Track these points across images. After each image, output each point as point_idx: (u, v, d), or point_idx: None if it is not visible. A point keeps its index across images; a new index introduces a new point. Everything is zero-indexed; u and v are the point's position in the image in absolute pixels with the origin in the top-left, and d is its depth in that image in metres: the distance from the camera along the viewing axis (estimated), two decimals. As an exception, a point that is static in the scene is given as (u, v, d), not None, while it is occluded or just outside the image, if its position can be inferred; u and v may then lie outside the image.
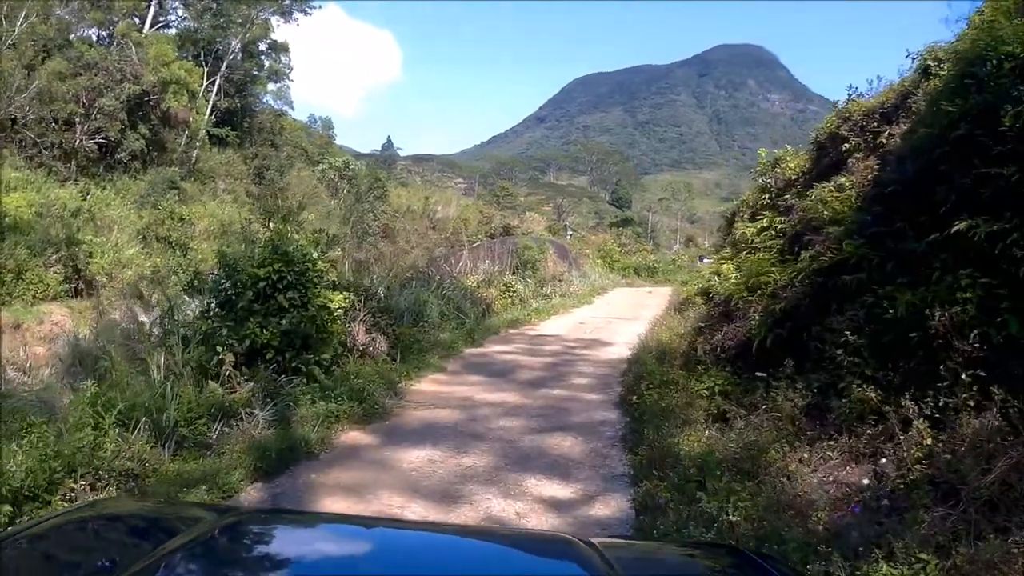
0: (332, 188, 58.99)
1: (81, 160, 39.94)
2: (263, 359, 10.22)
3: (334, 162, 62.46)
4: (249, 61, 58.96)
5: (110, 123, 40.41)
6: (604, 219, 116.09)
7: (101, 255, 31.43)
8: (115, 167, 42.35)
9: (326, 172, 60.74)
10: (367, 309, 13.48)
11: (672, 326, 16.33)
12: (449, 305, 17.81)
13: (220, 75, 54.23)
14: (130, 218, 37.43)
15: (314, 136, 77.78)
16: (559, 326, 20.54)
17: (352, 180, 59.28)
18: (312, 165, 63.68)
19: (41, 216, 31.26)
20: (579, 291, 30.18)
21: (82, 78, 39.05)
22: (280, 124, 63.56)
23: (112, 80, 40.38)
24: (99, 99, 39.60)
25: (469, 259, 23.07)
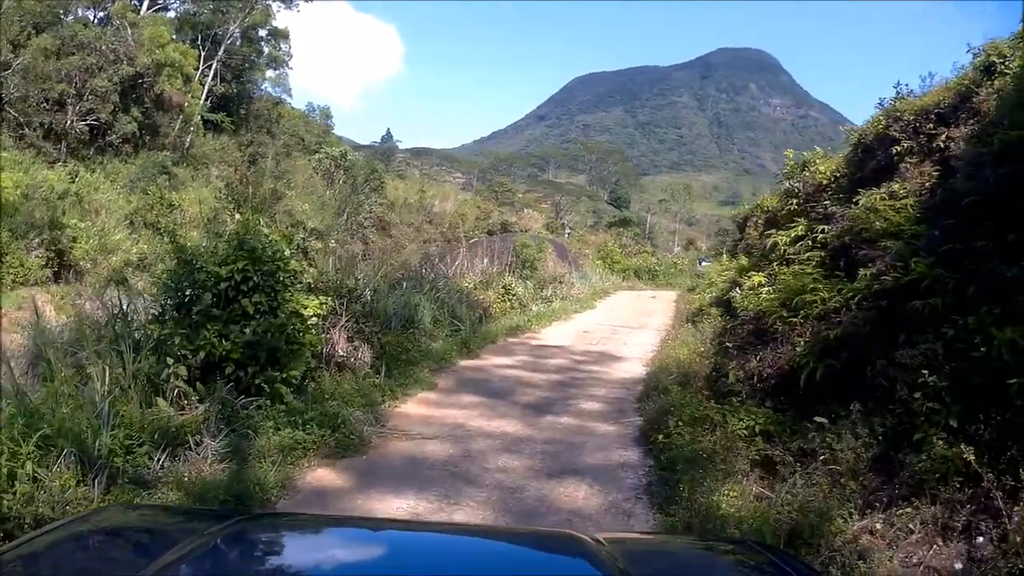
0: (328, 178, 57.71)
1: (72, 142, 38.88)
2: (221, 374, 8.63)
3: (331, 151, 61.02)
4: (248, 46, 57.54)
5: (102, 105, 39.20)
6: (602, 218, 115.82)
7: (86, 240, 30.73)
8: (106, 150, 41.32)
9: (322, 161, 59.26)
10: (350, 314, 11.89)
11: (688, 341, 14.84)
12: (443, 309, 16.23)
13: (217, 59, 53.00)
14: (119, 202, 36.60)
15: (312, 125, 76.21)
16: (562, 334, 18.94)
17: (348, 170, 57.96)
18: (309, 154, 62.21)
19: (27, 198, 30.30)
20: (580, 294, 28.57)
21: (75, 58, 38.04)
22: (278, 112, 62.19)
23: (105, 61, 39.27)
24: (92, 80, 38.49)
25: (466, 257, 21.42)
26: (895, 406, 7.12)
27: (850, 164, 13.13)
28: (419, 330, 14.24)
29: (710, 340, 14.18)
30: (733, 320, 15.21)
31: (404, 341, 13.16)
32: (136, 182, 39.10)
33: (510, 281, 21.94)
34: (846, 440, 7.06)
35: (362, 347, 11.63)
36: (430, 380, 12.25)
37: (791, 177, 15.79)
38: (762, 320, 10.74)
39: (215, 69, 53.16)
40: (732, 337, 11.52)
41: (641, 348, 16.47)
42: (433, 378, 12.46)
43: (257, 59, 60.07)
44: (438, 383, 12.33)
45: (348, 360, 11.18)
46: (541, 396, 11.89)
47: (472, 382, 12.77)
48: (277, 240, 9.68)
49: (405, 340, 13.22)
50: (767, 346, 9.86)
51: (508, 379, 13.14)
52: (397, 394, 11.03)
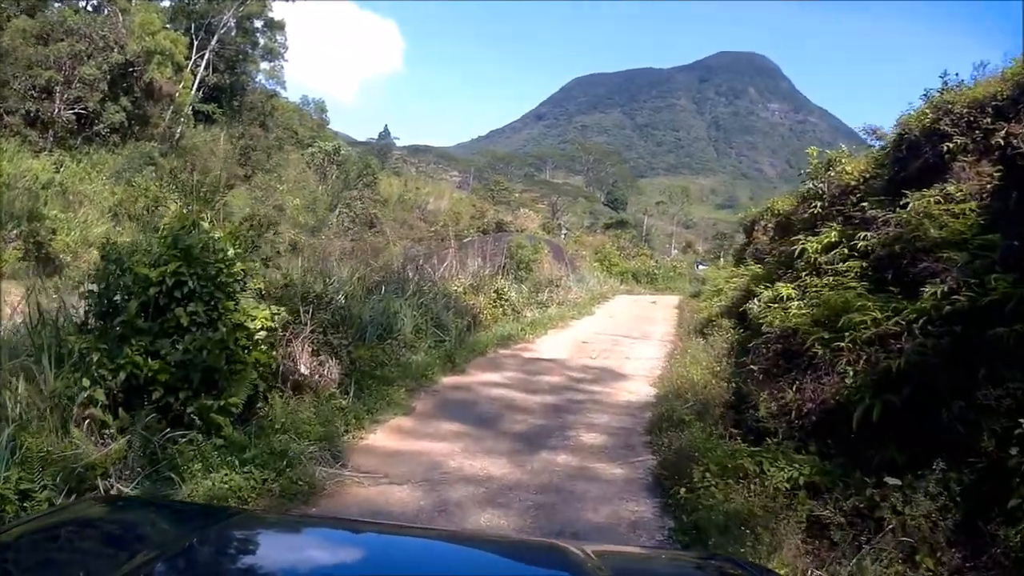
0: (321, 173, 57.35)
1: (59, 131, 37.53)
2: (148, 399, 7.06)
3: (324, 146, 60.43)
4: (243, 37, 56.33)
5: (90, 93, 37.72)
6: (599, 219, 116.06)
7: (67, 232, 29.45)
8: (93, 140, 39.89)
9: (315, 156, 58.79)
10: (316, 323, 10.28)
11: (700, 357, 13.32)
12: (427, 317, 14.39)
13: (210, 49, 51.72)
14: (103, 194, 35.30)
15: (306, 119, 75.00)
16: (558, 346, 17.22)
17: (341, 166, 56.82)
18: (302, 148, 61.72)
19: (8, 187, 29.08)
20: (578, 299, 26.92)
21: (63, 44, 36.76)
22: (272, 105, 60.98)
23: (95, 48, 37.82)
24: (80, 67, 37.04)
25: (456, 258, 19.74)
26: (978, 460, 5.68)
27: (890, 162, 11.61)
28: (398, 341, 12.57)
29: (724, 357, 12.70)
30: (749, 333, 13.75)
31: (380, 354, 11.49)
32: (121, 173, 37.67)
33: (503, 285, 20.26)
34: (918, 502, 5.59)
35: (329, 362, 9.98)
36: (406, 403, 10.53)
37: (815, 177, 14.31)
38: (792, 339, 9.24)
39: (208, 59, 51.85)
40: (756, 358, 9.97)
41: (646, 363, 14.94)
42: (410, 400, 10.76)
43: (252, 50, 58.90)
44: (415, 406, 10.65)
45: (311, 379, 9.57)
46: (534, 424, 10.21)
47: (455, 405, 11.10)
48: (223, 237, 8.00)
49: (381, 353, 11.56)
50: (804, 373, 8.34)
51: (497, 401, 11.45)
52: (365, 421, 9.34)
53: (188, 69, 48.72)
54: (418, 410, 10.51)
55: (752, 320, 13.46)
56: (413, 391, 11.18)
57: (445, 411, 10.59)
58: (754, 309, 13.36)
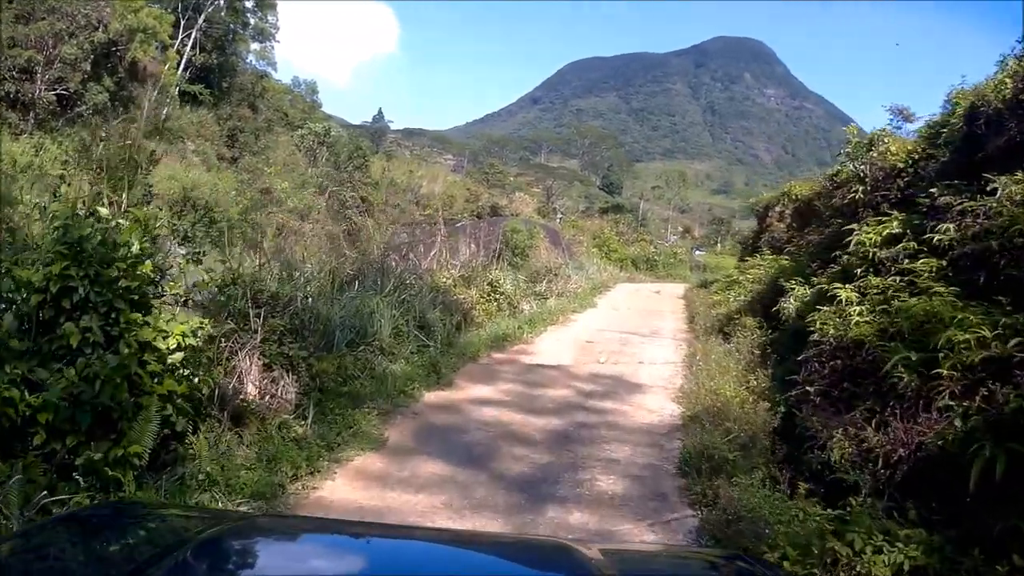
0: (311, 155, 55.80)
1: (40, 112, 36.37)
2: (29, 445, 5.23)
3: (314, 127, 58.77)
4: (232, 16, 54.69)
5: (72, 73, 36.51)
6: (595, 203, 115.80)
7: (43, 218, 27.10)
8: (75, 121, 38.15)
9: (305, 138, 57.11)
10: (269, 330, 8.39)
11: (725, 364, 11.51)
12: (409, 316, 12.31)
13: (197, 28, 50.05)
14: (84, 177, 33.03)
15: (298, 100, 73.31)
16: (561, 347, 15.10)
17: (332, 148, 55.20)
18: (292, 130, 60.05)
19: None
20: (578, 289, 24.96)
21: (43, 23, 35.43)
22: (262, 86, 59.30)
23: (77, 26, 36.45)
24: (61, 46, 35.83)
25: (445, 245, 17.70)
26: None
27: (959, 141, 9.78)
28: (373, 347, 10.66)
29: (757, 366, 10.88)
30: (781, 335, 12.00)
31: (350, 365, 9.53)
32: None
33: (497, 276, 18.32)
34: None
35: (284, 379, 8.05)
36: (377, 432, 8.47)
37: (855, 158, 12.49)
38: (857, 355, 7.47)
39: (195, 38, 50.18)
40: (809, 375, 8.16)
41: (662, 369, 13.11)
42: (383, 426, 8.66)
43: (243, 30, 57.48)
44: (388, 436, 8.52)
45: (261, 402, 7.69)
46: (537, 463, 8.04)
47: (438, 433, 8.95)
48: (126, 228, 6.03)
49: (352, 363, 9.57)
50: (883, 403, 6.54)
51: (491, 427, 9.26)
52: (322, 461, 7.30)
53: (174, 49, 47.56)
54: (392, 442, 8.37)
55: (787, 321, 11.71)
56: (387, 414, 9.16)
57: (426, 443, 8.50)
58: (789, 309, 11.60)
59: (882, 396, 6.67)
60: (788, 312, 11.64)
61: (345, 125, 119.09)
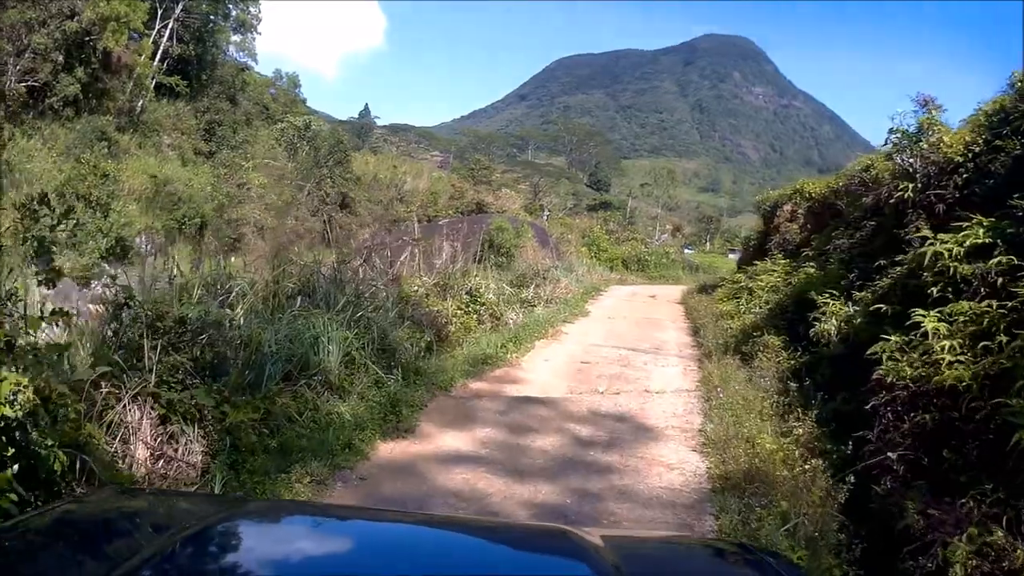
0: (291, 149, 54.55)
1: (10, 105, 35.32)
2: None
3: (294, 121, 57.39)
4: (211, 6, 52.58)
5: (43, 64, 35.64)
6: (582, 201, 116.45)
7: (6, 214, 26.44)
8: (46, 114, 37.55)
9: (285, 132, 55.85)
10: (168, 368, 6.30)
11: (751, 399, 9.46)
12: (366, 338, 9.99)
13: (174, 18, 48.06)
14: (52, 172, 32.86)
15: (283, 94, 71.58)
16: (552, 370, 12.76)
17: (312, 142, 53.52)
18: (273, 124, 58.43)
19: None
20: (567, 294, 22.68)
21: (13, 11, 34.50)
22: (242, 79, 57.51)
23: (48, 15, 35.50)
24: (31, 36, 34.93)
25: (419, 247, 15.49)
26: None
27: None
28: (316, 382, 8.53)
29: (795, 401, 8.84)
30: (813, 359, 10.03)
31: (282, 407, 7.40)
32: (72, 149, 35.16)
33: (478, 283, 15.99)
34: None
35: (188, 434, 6.00)
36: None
37: (902, 151, 10.53)
38: (953, 408, 5.50)
39: (171, 29, 48.12)
40: (885, 430, 6.16)
41: (674, 402, 10.89)
42: (315, 499, 6.27)
43: (223, 21, 55.52)
44: None
45: (153, 468, 5.60)
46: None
47: (387, 507, 6.24)
48: None
49: (287, 404, 7.47)
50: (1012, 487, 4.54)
51: (461, 501, 6.83)
52: None
53: (150, 39, 45.79)
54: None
55: (824, 344, 9.74)
56: (324, 481, 6.80)
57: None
58: (827, 329, 9.62)
59: (1009, 477, 4.69)
60: (826, 333, 9.66)
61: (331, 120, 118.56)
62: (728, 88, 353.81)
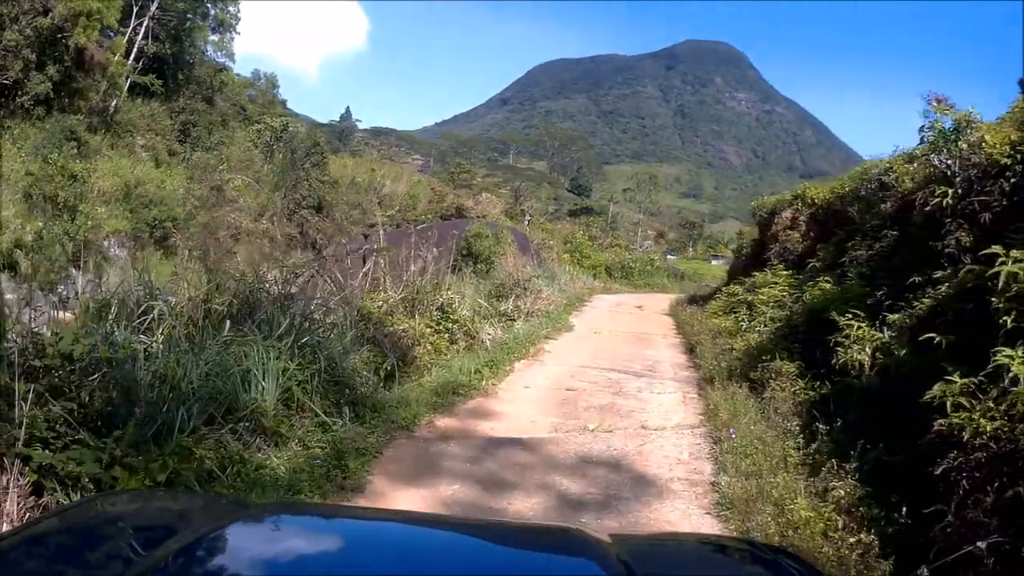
0: (268, 151, 53.04)
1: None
2: None
3: (271, 122, 56.07)
4: (188, 3, 51.59)
5: (13, 61, 35.25)
6: (563, 206, 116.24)
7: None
8: (16, 112, 36.99)
9: (262, 133, 54.40)
10: (46, 422, 4.69)
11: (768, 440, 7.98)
12: (313, 367, 8.24)
13: (149, 16, 46.89)
14: (20, 172, 32.72)
15: (263, 94, 70.37)
16: (533, 401, 10.90)
17: (288, 144, 52.38)
18: (250, 125, 57.30)
19: None
20: (550, 305, 21.10)
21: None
22: (220, 79, 56.81)
23: (19, 11, 35.07)
24: (1, 32, 34.72)
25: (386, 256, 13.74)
26: None
27: None
28: (243, 427, 6.86)
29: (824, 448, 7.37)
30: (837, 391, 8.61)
31: (194, 466, 5.72)
32: (40, 149, 34.44)
33: (450, 298, 14.14)
34: None
35: None
36: None
37: (939, 150, 9.15)
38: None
39: (147, 27, 46.96)
40: (962, 506, 4.75)
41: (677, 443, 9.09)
42: None
43: (201, 21, 54.80)
44: None
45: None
46: None
47: None
48: None
49: (201, 460, 5.87)
50: None
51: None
52: None
53: (125, 37, 44.83)
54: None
55: (853, 375, 8.32)
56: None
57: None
58: (861, 359, 8.20)
59: None
60: (855, 362, 8.24)
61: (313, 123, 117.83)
62: (710, 93, 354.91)
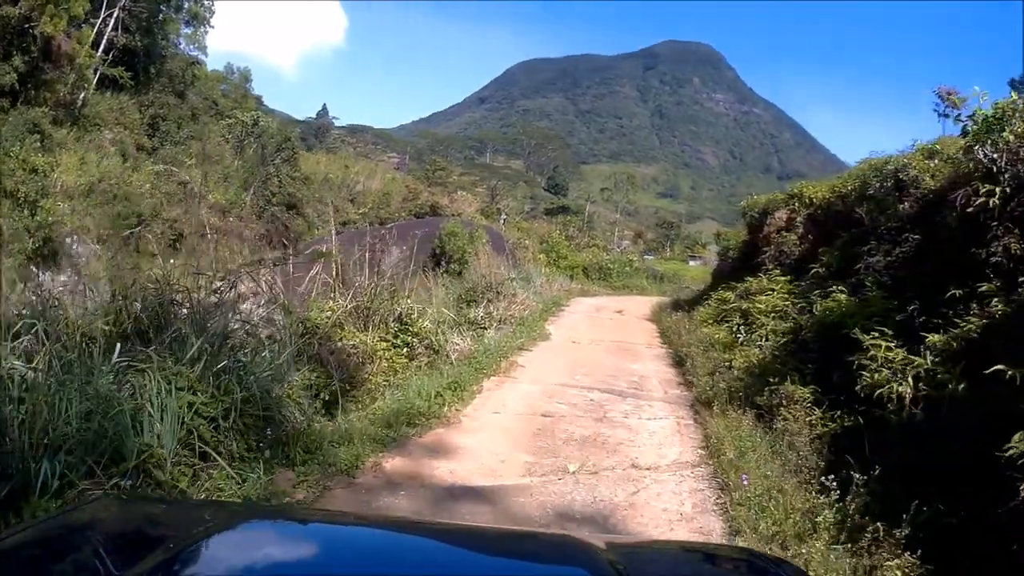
0: (238, 147, 52.10)
1: None
2: None
3: (241, 117, 54.38)
4: (159, -5, 49.78)
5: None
6: (540, 205, 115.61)
7: None
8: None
9: (233, 128, 53.17)
10: None
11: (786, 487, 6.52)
12: (227, 400, 6.53)
13: (119, 7, 44.71)
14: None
15: (237, 89, 68.79)
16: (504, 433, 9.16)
17: (259, 139, 51.45)
18: (221, 120, 56.05)
19: None
20: (526, 309, 19.62)
21: None
22: (192, 73, 54.90)
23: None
24: None
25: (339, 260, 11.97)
26: None
27: None
28: (131, 482, 5.15)
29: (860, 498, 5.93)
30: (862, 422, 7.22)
31: None
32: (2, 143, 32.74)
33: (410, 307, 12.26)
34: None
35: None
36: None
37: (982, 141, 7.78)
38: None
39: (117, 17, 44.94)
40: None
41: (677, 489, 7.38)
42: None
43: (175, 13, 53.01)
44: None
45: None
46: None
47: None
48: None
49: None
50: None
51: None
52: None
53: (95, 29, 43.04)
54: None
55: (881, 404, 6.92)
56: None
57: None
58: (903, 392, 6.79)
59: None
60: (892, 393, 6.83)
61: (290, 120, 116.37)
62: (688, 94, 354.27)
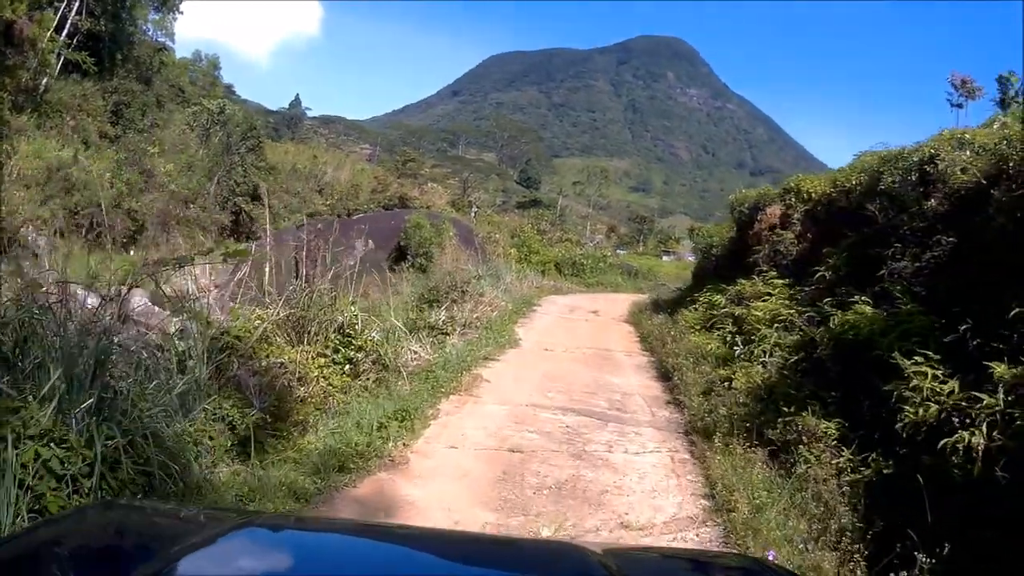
0: (204, 135, 50.43)
1: None
2: None
3: (207, 104, 52.99)
4: (127, -21, 48.61)
5: None
6: (512, 198, 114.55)
7: None
8: None
9: (198, 116, 51.71)
10: None
11: (824, 567, 5.01)
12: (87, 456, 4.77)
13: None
14: None
15: (205, 75, 67.06)
16: (461, 478, 7.48)
17: (225, 127, 50.37)
18: (188, 107, 55.08)
19: None
20: (494, 310, 17.89)
21: None
22: (160, 59, 54.20)
23: None
24: None
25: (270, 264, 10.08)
26: None
27: None
28: None
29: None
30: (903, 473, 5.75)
31: None
32: None
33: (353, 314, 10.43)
34: None
35: None
36: None
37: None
38: None
39: (82, 1, 43.83)
40: None
41: None
42: None
43: None
44: None
45: None
46: None
47: None
48: None
49: None
50: None
51: None
52: None
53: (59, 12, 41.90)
54: None
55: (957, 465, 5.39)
56: None
57: None
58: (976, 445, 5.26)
59: None
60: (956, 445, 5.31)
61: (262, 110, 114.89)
62: (662, 88, 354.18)
